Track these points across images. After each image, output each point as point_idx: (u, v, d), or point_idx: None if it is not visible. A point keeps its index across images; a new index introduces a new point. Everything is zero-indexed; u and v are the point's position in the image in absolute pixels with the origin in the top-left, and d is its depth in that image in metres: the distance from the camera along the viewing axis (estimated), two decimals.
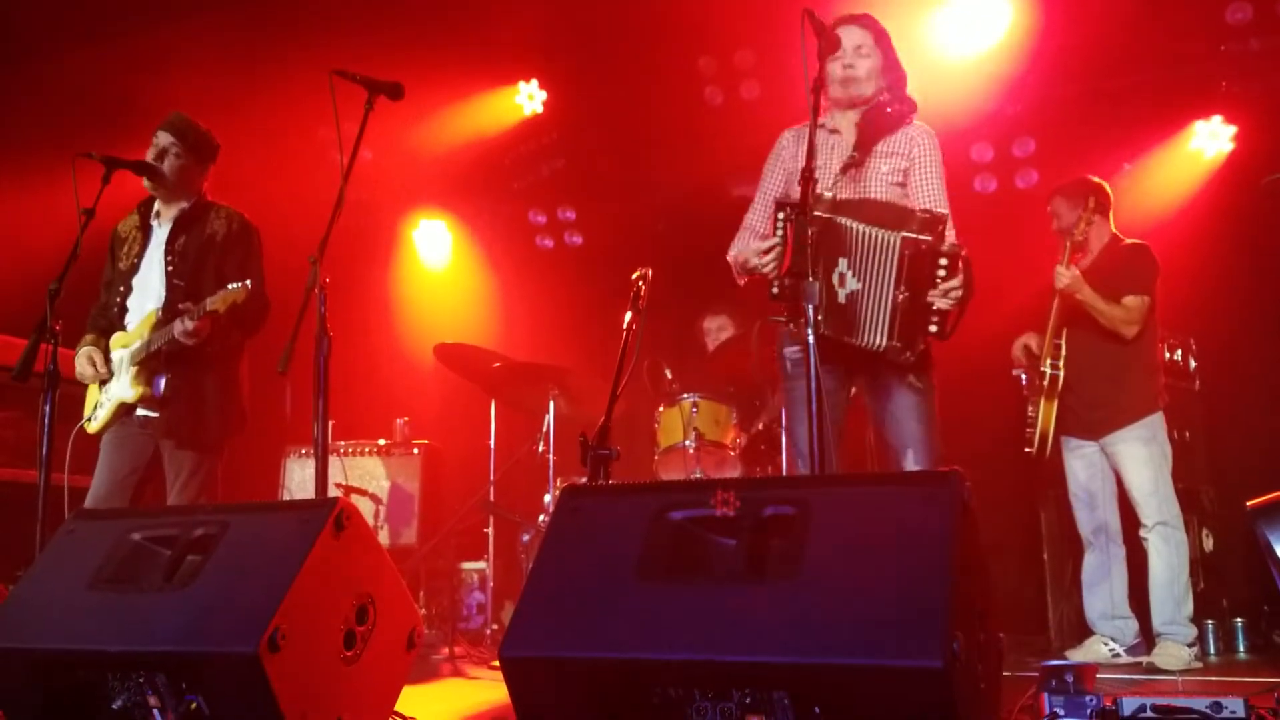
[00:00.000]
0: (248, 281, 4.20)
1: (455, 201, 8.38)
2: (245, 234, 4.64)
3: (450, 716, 3.56)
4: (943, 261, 3.52)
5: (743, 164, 7.49)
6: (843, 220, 3.61)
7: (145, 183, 4.57)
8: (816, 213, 3.55)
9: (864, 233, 3.57)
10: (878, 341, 3.64)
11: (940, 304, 3.55)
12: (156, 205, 4.66)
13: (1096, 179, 5.31)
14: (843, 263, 3.61)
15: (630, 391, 3.93)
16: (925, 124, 4.06)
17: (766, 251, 3.72)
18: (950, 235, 3.72)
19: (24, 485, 5.43)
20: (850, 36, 3.93)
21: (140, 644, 2.75)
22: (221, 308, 4.18)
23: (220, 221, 4.61)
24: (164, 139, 4.57)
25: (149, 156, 4.55)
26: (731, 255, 4.09)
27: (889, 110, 3.98)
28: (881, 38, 3.99)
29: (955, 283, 3.54)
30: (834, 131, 4.04)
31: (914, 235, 3.51)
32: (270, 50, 6.85)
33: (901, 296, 3.54)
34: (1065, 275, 4.96)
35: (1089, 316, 5.01)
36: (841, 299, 3.63)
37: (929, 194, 3.94)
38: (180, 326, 4.24)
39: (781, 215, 3.66)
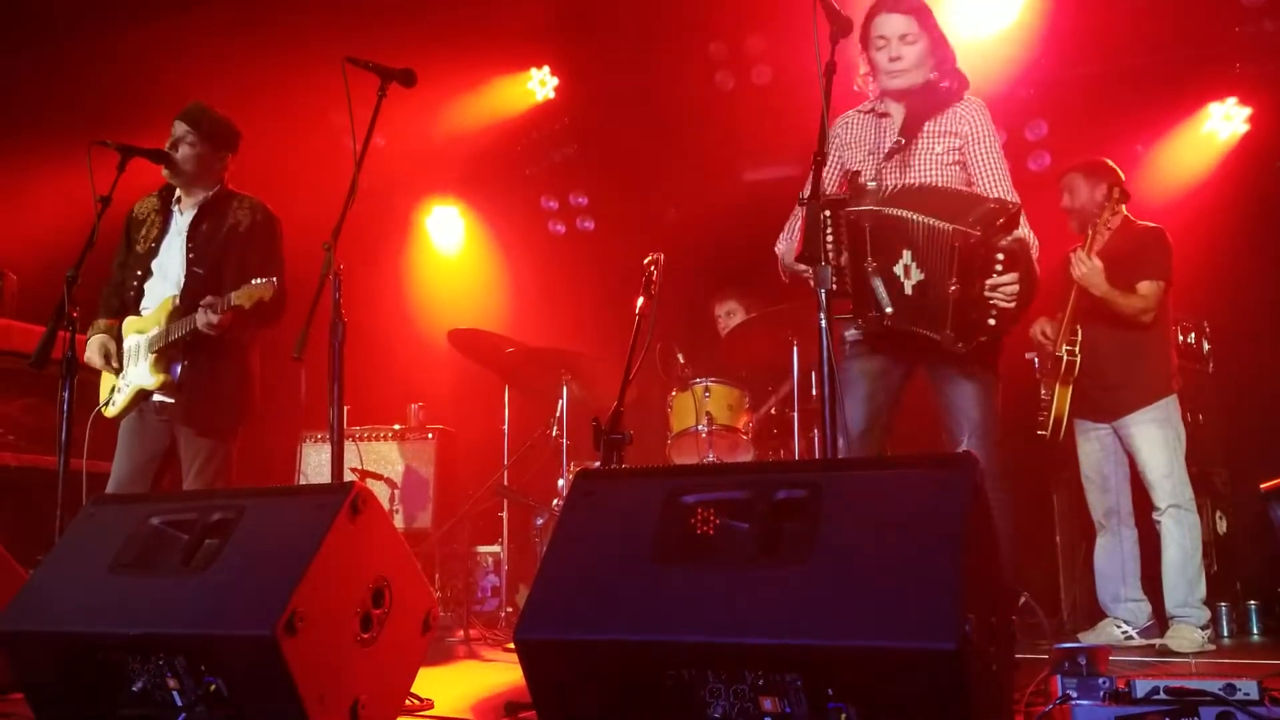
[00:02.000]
0: (274, 279, 4.22)
1: (468, 188, 8.38)
2: (269, 225, 4.66)
3: (466, 698, 3.59)
4: (1000, 256, 3.39)
5: (754, 149, 7.53)
6: (898, 212, 3.49)
7: (164, 171, 4.60)
8: (865, 206, 3.50)
9: (924, 224, 3.44)
10: (937, 332, 3.54)
11: (995, 298, 3.43)
12: (178, 192, 4.69)
13: (1110, 161, 5.29)
14: (907, 254, 3.50)
15: (642, 376, 3.94)
16: (976, 97, 3.95)
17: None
18: (1021, 227, 3.58)
19: (43, 470, 5.48)
20: (894, 25, 3.83)
21: (160, 627, 2.78)
22: (247, 304, 4.21)
23: (244, 212, 4.63)
24: (179, 128, 4.60)
25: (167, 145, 4.58)
26: (780, 249, 4.02)
27: (942, 85, 3.89)
28: (926, 18, 3.87)
29: (1010, 278, 3.40)
30: (883, 115, 3.95)
31: (965, 229, 3.37)
32: (284, 38, 6.86)
33: (954, 288, 3.42)
34: (1084, 265, 4.94)
35: (1105, 303, 5.00)
36: (908, 290, 3.52)
37: (991, 174, 3.83)
38: (204, 319, 4.27)
39: (825, 214, 3.52)
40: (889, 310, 3.56)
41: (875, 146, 3.91)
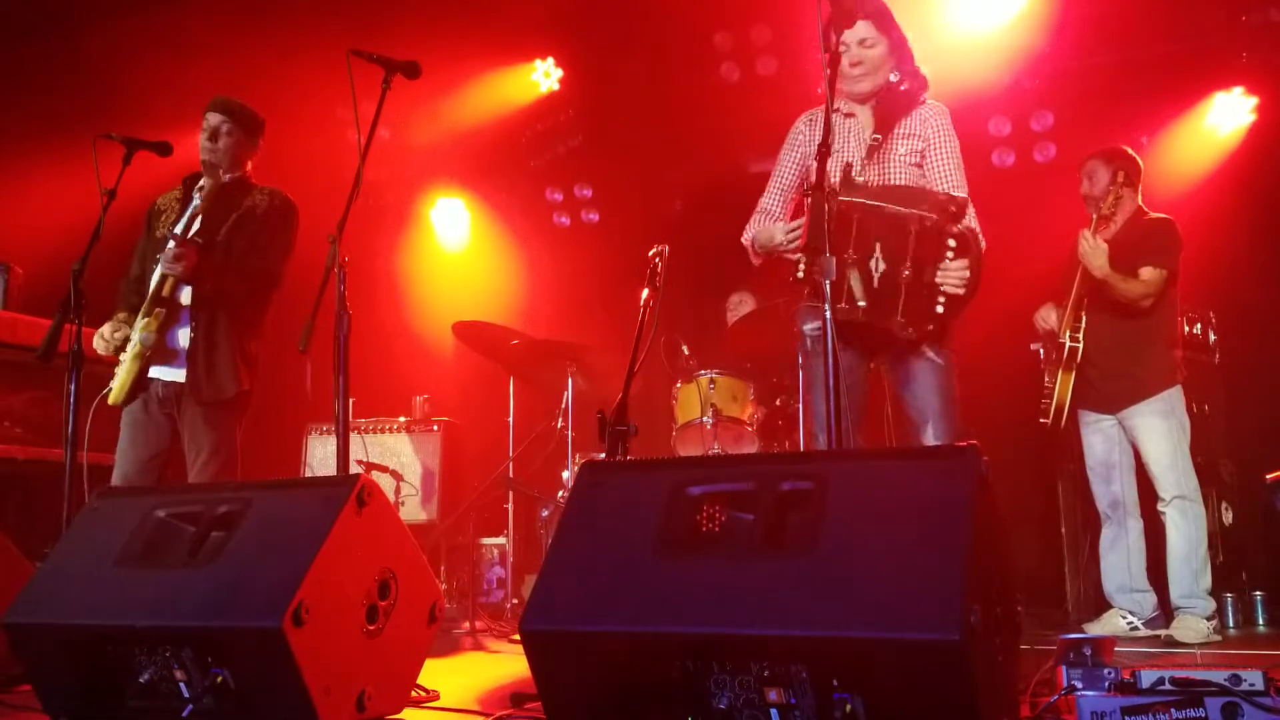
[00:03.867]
0: None
1: (473, 180, 8.38)
2: (286, 209, 4.67)
3: (471, 689, 3.60)
4: (951, 242, 3.52)
5: (759, 140, 7.48)
6: (877, 203, 3.63)
7: (204, 166, 4.62)
8: (858, 199, 3.59)
9: (891, 212, 3.59)
10: (889, 320, 3.66)
11: (945, 284, 3.56)
12: (203, 180, 4.69)
13: (1130, 150, 5.28)
14: (878, 247, 3.63)
15: (648, 368, 3.94)
16: (938, 102, 4.09)
17: (792, 232, 3.81)
18: (970, 219, 3.76)
19: (49, 463, 5.48)
20: (854, 31, 3.95)
21: (167, 619, 2.79)
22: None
23: (262, 197, 4.65)
24: (214, 118, 4.61)
25: (202, 138, 4.61)
26: (747, 238, 4.15)
27: (902, 88, 4.02)
28: (885, 21, 4.00)
29: (962, 264, 3.54)
30: (849, 115, 4.07)
31: (921, 213, 3.54)
32: (288, 30, 6.86)
33: (906, 273, 3.57)
34: (1087, 242, 4.93)
35: (1105, 287, 4.99)
36: (875, 283, 3.65)
37: (945, 174, 3.98)
38: (166, 255, 4.31)
39: (809, 200, 3.64)
40: (862, 304, 3.67)
41: (842, 145, 4.02)
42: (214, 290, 4.47)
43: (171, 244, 4.33)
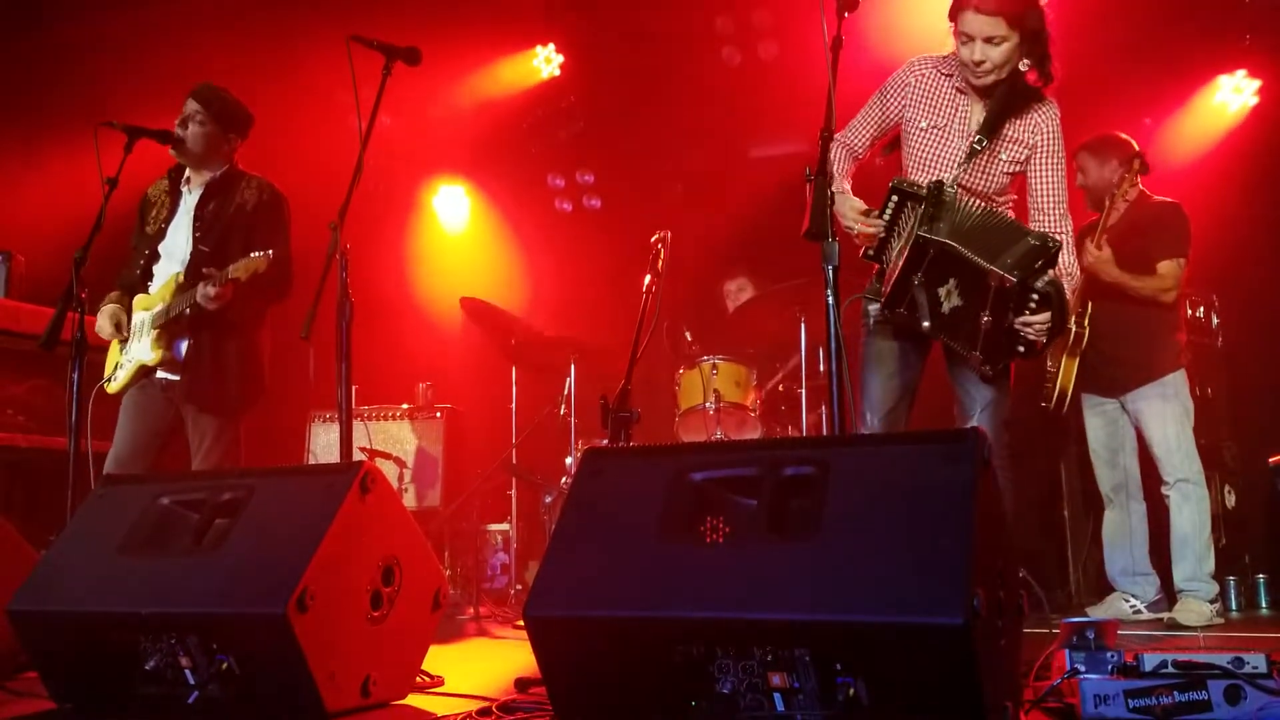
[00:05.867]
0: (269, 251, 4.22)
1: (474, 166, 8.37)
2: (276, 204, 4.66)
3: (476, 675, 3.60)
4: (1034, 297, 3.48)
5: (761, 124, 7.50)
6: (959, 248, 3.52)
7: (172, 150, 4.60)
8: (939, 238, 3.51)
9: (971, 261, 3.51)
10: (966, 350, 3.70)
11: (1027, 334, 3.55)
12: (187, 172, 4.69)
13: (1125, 136, 5.26)
14: (951, 281, 3.61)
15: (650, 354, 3.95)
16: (1053, 101, 3.94)
17: (868, 227, 3.75)
18: (1063, 259, 3.66)
19: (53, 452, 5.50)
20: (979, 25, 3.69)
21: (172, 606, 2.80)
22: (243, 275, 4.21)
23: (251, 191, 4.63)
24: (190, 106, 4.61)
25: (177, 122, 4.58)
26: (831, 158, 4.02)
27: (1025, 81, 3.84)
28: (1020, 13, 3.71)
29: (1042, 318, 3.49)
30: (963, 92, 3.89)
31: (1003, 273, 3.45)
32: (288, 17, 6.84)
33: (985, 319, 3.56)
34: (1092, 254, 4.93)
35: (1120, 288, 4.99)
36: (945, 310, 3.65)
37: (1049, 194, 3.88)
38: (202, 291, 4.27)
39: (894, 201, 3.65)
40: (926, 325, 3.69)
41: (944, 125, 3.87)
42: (239, 313, 4.48)
43: (212, 288, 4.28)
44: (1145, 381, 5.04)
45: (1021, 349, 3.61)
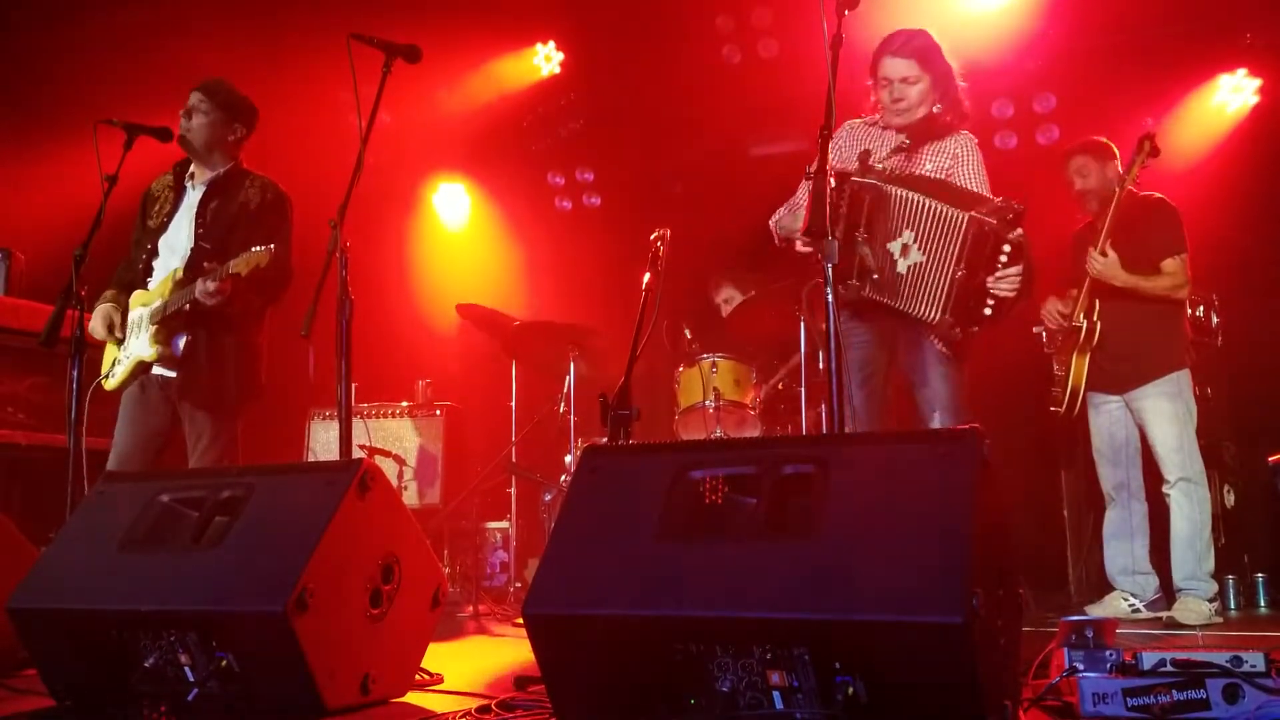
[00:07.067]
0: (271, 246, 4.22)
1: (474, 164, 8.37)
2: (278, 203, 4.65)
3: (475, 673, 3.61)
4: (1006, 248, 3.55)
5: (761, 123, 7.50)
6: (906, 193, 3.66)
7: (180, 142, 4.59)
8: (868, 180, 3.60)
9: (935, 209, 3.61)
10: (931, 314, 3.71)
11: (997, 289, 3.61)
12: (192, 168, 4.69)
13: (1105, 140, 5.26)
14: (908, 234, 3.66)
15: (650, 352, 3.94)
16: (970, 134, 4.14)
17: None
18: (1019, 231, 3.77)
19: (53, 449, 5.50)
20: (896, 68, 4.02)
21: (171, 603, 2.80)
22: (244, 270, 4.20)
23: (254, 190, 4.63)
24: (194, 97, 4.61)
25: (181, 114, 4.59)
26: (774, 221, 4.24)
27: (942, 120, 4.07)
28: (929, 57, 4.03)
29: (1015, 270, 3.59)
30: (886, 128, 4.13)
31: (981, 217, 3.54)
32: (288, 16, 6.84)
33: (960, 274, 3.59)
34: (1098, 262, 4.92)
35: (1131, 291, 4.98)
36: (901, 269, 3.68)
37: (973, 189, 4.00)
38: (202, 286, 4.26)
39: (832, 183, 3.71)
40: (875, 277, 3.72)
41: (873, 148, 4.05)
42: (237, 310, 4.48)
43: (212, 283, 4.27)
44: (1150, 379, 5.02)
45: (989, 309, 3.63)
